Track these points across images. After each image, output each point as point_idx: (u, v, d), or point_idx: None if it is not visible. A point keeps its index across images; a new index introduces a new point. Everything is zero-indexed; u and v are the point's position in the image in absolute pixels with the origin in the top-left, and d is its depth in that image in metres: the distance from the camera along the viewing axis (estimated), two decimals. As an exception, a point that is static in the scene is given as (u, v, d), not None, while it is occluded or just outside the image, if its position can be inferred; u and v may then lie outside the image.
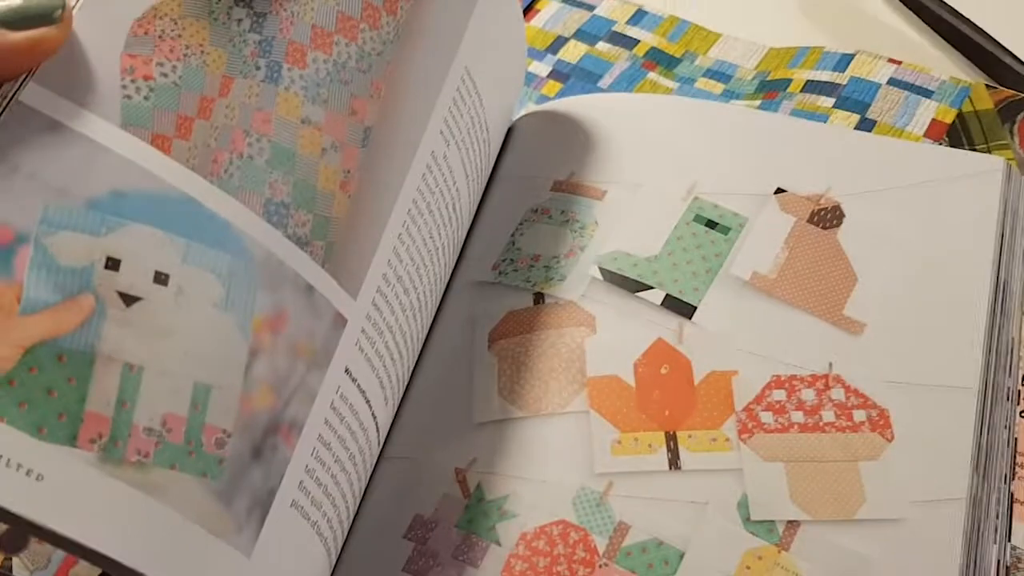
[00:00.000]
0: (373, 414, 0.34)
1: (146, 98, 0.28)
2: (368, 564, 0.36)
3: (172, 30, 0.29)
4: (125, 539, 0.25)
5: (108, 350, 0.26)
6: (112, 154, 0.27)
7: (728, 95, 0.53)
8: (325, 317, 0.31)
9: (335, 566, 0.35)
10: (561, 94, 0.54)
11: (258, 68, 0.30)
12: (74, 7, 0.28)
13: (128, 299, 0.27)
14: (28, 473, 0.25)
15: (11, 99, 0.26)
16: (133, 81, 0.28)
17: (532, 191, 0.45)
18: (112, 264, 0.27)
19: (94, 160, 0.27)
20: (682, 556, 0.35)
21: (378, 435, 0.36)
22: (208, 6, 0.30)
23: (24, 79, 0.27)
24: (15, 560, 0.36)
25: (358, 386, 0.33)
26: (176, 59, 0.29)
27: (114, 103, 0.27)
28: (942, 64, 0.54)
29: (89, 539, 0.25)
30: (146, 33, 0.28)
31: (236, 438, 0.28)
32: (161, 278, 0.27)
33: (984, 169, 0.43)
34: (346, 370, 0.32)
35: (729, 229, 0.42)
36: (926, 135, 0.49)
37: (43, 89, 0.27)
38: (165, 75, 0.29)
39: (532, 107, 0.52)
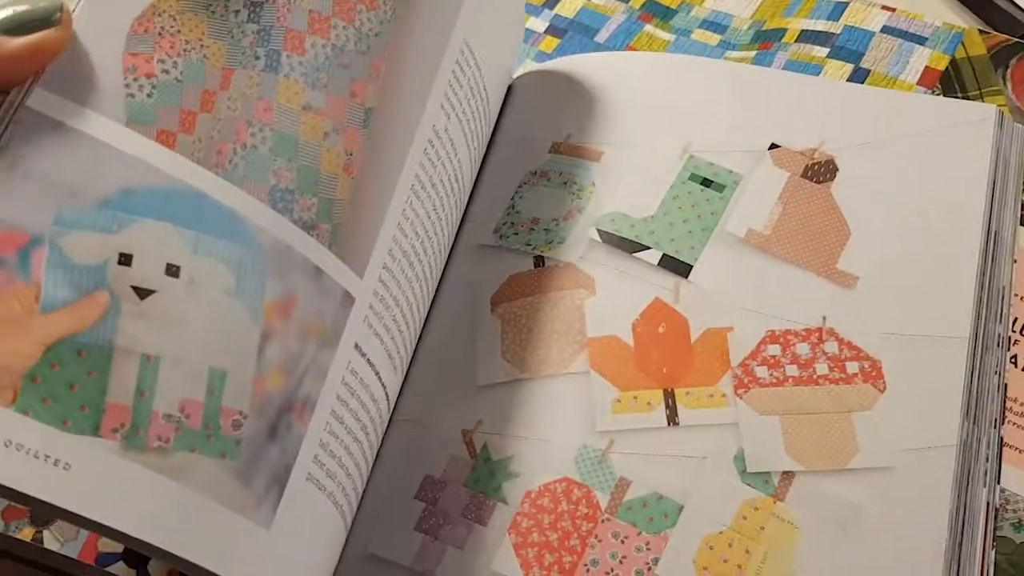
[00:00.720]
0: (383, 384, 0.35)
1: (149, 95, 0.29)
2: (382, 525, 0.38)
3: (171, 26, 0.29)
4: (151, 521, 0.27)
5: (125, 343, 0.27)
6: (119, 153, 0.28)
7: (724, 46, 0.54)
8: (334, 297, 0.32)
9: (350, 528, 0.37)
10: (558, 49, 0.55)
11: (257, 58, 0.31)
12: (74, 10, 0.28)
13: (142, 292, 0.28)
14: (56, 463, 0.26)
15: (19, 105, 0.27)
16: (136, 79, 0.29)
17: (531, 153, 0.45)
18: (125, 260, 0.28)
19: (102, 160, 0.28)
20: (681, 509, 0.37)
21: (388, 403, 0.37)
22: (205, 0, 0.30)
23: (30, 85, 0.27)
24: (46, 532, 0.38)
25: (368, 360, 0.34)
26: (177, 55, 0.29)
27: (118, 102, 0.28)
28: (936, 9, 0.54)
29: (117, 522, 0.26)
30: (146, 31, 0.29)
31: (252, 419, 0.29)
32: (173, 270, 0.28)
33: (977, 117, 0.43)
34: (356, 346, 0.33)
35: (724, 187, 0.43)
36: (919, 83, 0.49)
37: (49, 93, 0.27)
38: (167, 71, 0.29)
39: (530, 64, 0.52)
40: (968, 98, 0.48)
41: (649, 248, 0.42)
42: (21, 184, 0.27)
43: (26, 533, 0.37)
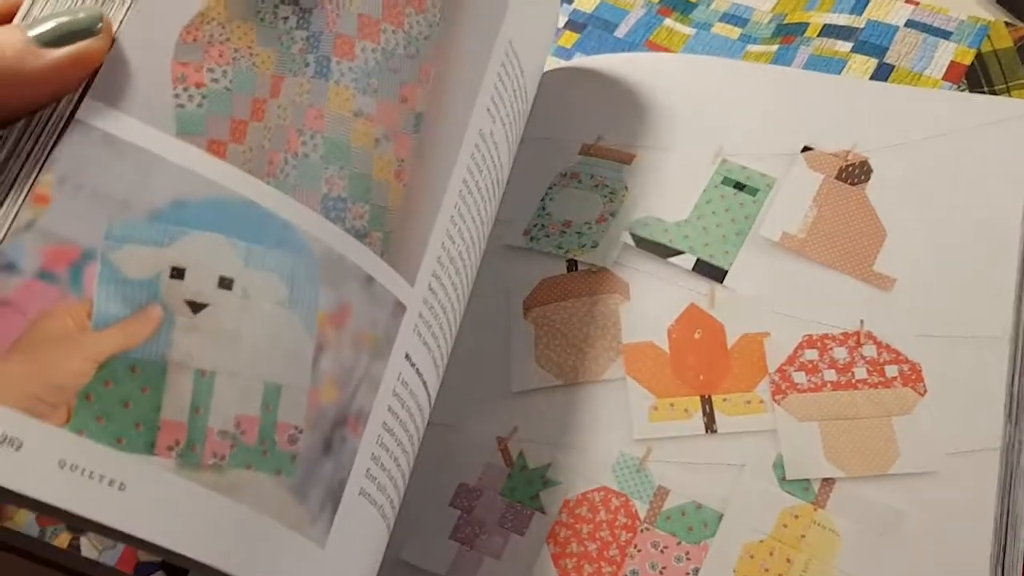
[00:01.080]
0: (428, 393, 0.35)
1: (199, 105, 0.28)
2: (417, 533, 0.37)
3: (220, 34, 0.29)
4: (207, 540, 0.26)
5: (179, 358, 0.27)
6: (170, 164, 0.27)
7: (745, 40, 0.53)
8: (386, 306, 0.31)
9: (388, 537, 0.36)
10: (577, 45, 0.54)
11: (307, 64, 0.30)
12: (121, 19, 0.28)
13: (195, 306, 0.27)
14: (111, 483, 0.25)
15: (69, 117, 0.26)
16: (185, 89, 0.28)
17: (561, 154, 0.45)
18: (177, 273, 0.27)
19: (153, 172, 0.27)
20: (721, 518, 0.37)
21: (430, 411, 0.37)
22: (254, 7, 0.29)
23: (80, 96, 0.27)
24: (83, 540, 0.37)
25: (416, 370, 0.33)
26: (226, 63, 0.29)
27: (168, 113, 0.28)
28: (960, 2, 0.53)
29: (173, 543, 0.26)
30: (194, 40, 0.28)
31: (307, 434, 0.29)
32: (226, 283, 0.28)
33: (1012, 115, 0.43)
34: (406, 356, 0.32)
35: (757, 190, 0.42)
36: (945, 78, 0.49)
37: (99, 105, 0.27)
38: (216, 80, 0.29)
39: (552, 61, 0.51)
40: (995, 92, 0.48)
41: (683, 253, 0.41)
42: (72, 197, 0.26)
43: (62, 540, 0.37)
